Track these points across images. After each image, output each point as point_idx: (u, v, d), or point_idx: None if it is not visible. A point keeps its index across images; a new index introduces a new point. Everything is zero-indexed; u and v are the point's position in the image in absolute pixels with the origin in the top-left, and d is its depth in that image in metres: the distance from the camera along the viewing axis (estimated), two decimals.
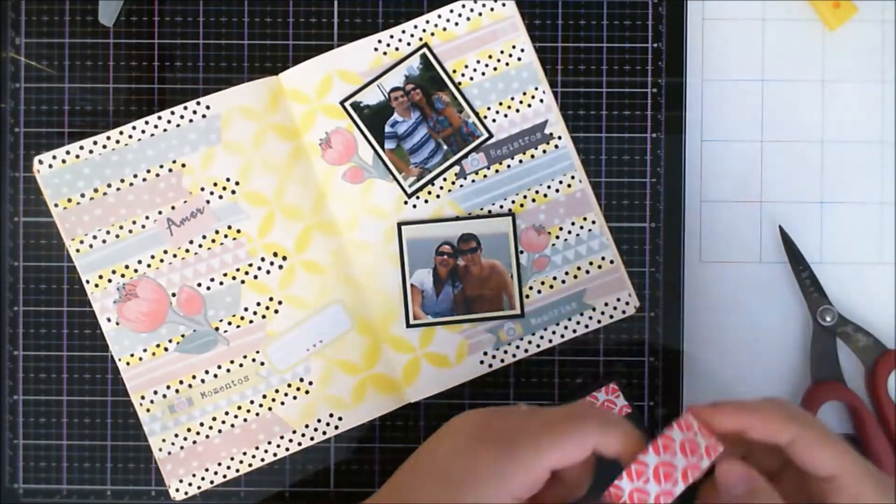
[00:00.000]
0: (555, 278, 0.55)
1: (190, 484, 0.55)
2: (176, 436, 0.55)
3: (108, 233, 0.55)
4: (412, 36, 0.55)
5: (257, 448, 0.55)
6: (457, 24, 0.55)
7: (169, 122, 0.55)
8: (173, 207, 0.55)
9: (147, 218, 0.55)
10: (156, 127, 0.55)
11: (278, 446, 0.55)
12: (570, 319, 0.55)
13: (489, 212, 0.55)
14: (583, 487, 0.44)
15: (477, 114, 0.55)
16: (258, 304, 0.55)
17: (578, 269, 0.55)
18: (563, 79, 0.56)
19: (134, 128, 0.55)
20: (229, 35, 0.56)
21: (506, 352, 0.55)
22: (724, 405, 0.42)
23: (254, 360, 0.55)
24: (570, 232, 0.55)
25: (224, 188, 0.55)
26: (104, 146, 0.55)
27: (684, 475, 0.40)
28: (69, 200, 0.55)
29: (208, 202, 0.55)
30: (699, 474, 0.40)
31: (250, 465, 0.55)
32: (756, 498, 0.41)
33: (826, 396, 0.55)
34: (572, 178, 0.55)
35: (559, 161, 0.55)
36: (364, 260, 0.55)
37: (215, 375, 0.55)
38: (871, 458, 0.55)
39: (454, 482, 0.43)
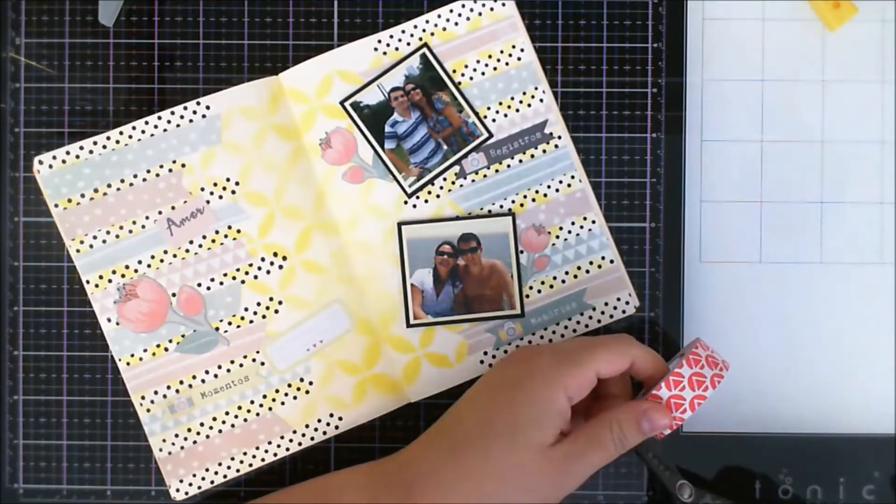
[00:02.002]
0: (555, 278, 0.55)
1: (190, 484, 0.55)
2: (176, 436, 0.55)
3: (108, 233, 0.55)
4: (412, 36, 0.55)
5: (257, 448, 0.55)
6: (457, 23, 0.55)
7: (169, 122, 0.55)
8: (173, 207, 0.55)
9: (147, 218, 0.55)
10: (156, 127, 0.55)
11: (278, 446, 0.55)
12: (570, 319, 0.55)
13: (489, 212, 0.55)
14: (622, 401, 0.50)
15: (477, 114, 0.55)
16: (258, 304, 0.55)
17: (578, 268, 0.55)
18: (563, 79, 0.56)
19: (134, 128, 0.55)
20: (229, 35, 0.56)
21: (506, 351, 0.55)
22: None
23: (254, 360, 0.55)
24: (570, 232, 0.55)
25: (224, 188, 0.55)
26: (104, 146, 0.55)
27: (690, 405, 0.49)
28: (69, 200, 0.55)
29: (208, 202, 0.55)
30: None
31: (250, 465, 0.55)
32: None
33: None
34: (572, 177, 0.55)
35: (559, 161, 0.55)
36: (364, 260, 0.55)
37: (215, 375, 0.55)
38: None
39: (512, 382, 0.48)
